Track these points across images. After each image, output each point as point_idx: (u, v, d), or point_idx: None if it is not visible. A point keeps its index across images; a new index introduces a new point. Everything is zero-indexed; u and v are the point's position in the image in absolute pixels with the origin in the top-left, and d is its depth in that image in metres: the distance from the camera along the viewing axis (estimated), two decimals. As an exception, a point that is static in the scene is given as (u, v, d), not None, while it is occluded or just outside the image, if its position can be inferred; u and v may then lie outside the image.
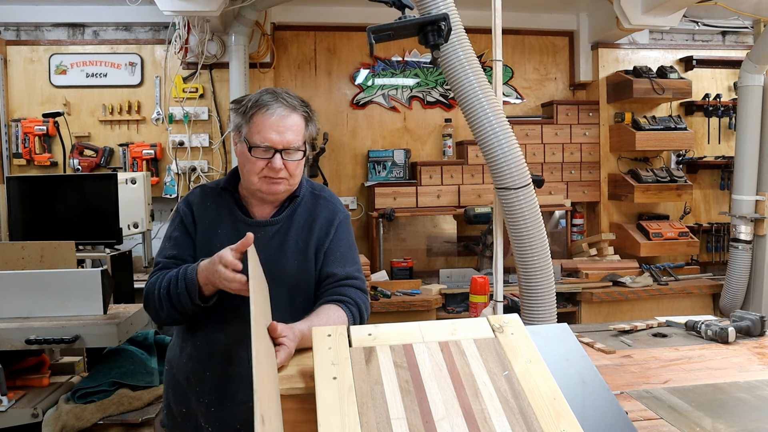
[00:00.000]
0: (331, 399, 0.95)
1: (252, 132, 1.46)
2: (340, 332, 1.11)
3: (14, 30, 3.84)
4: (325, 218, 1.58)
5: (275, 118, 1.45)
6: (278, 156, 1.45)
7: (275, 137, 1.44)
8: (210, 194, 1.59)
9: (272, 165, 1.45)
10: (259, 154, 1.45)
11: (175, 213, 1.59)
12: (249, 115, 1.46)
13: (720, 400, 1.25)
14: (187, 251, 1.52)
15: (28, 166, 3.73)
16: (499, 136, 1.90)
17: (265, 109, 1.45)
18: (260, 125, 1.45)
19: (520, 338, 1.10)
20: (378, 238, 3.77)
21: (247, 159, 1.47)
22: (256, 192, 1.51)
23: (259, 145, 1.44)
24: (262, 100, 1.46)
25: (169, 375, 1.62)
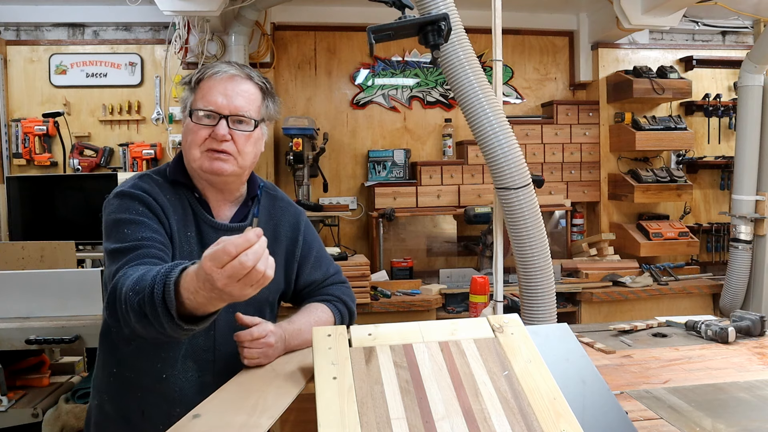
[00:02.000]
0: (331, 399, 0.95)
1: (197, 98, 1.28)
2: (340, 332, 1.11)
3: (14, 30, 3.84)
4: (289, 224, 1.45)
5: (224, 79, 1.28)
6: (223, 122, 1.26)
7: (221, 100, 1.26)
8: (164, 186, 1.33)
9: (215, 132, 1.25)
10: (202, 120, 1.27)
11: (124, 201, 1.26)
12: (196, 81, 1.30)
13: (720, 400, 1.24)
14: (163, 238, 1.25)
15: (28, 166, 3.73)
16: (499, 136, 1.90)
17: (213, 71, 1.29)
18: (206, 89, 1.28)
19: (520, 338, 1.10)
20: (378, 238, 3.77)
21: (189, 130, 1.28)
22: (198, 171, 1.31)
23: (202, 108, 1.27)
24: (209, 66, 1.31)
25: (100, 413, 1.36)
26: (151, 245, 1.20)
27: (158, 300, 1.00)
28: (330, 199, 3.94)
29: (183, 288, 0.98)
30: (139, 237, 1.21)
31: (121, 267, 1.16)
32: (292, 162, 3.55)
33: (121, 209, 1.26)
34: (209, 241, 1.27)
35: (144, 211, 1.25)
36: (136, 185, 1.30)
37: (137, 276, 1.08)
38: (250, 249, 0.89)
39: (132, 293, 1.05)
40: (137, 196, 1.27)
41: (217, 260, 0.89)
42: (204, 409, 1.03)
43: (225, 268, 0.88)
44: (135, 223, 1.23)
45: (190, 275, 0.97)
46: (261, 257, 0.90)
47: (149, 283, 1.02)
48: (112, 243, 1.23)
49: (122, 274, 1.13)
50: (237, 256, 0.88)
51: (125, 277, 1.11)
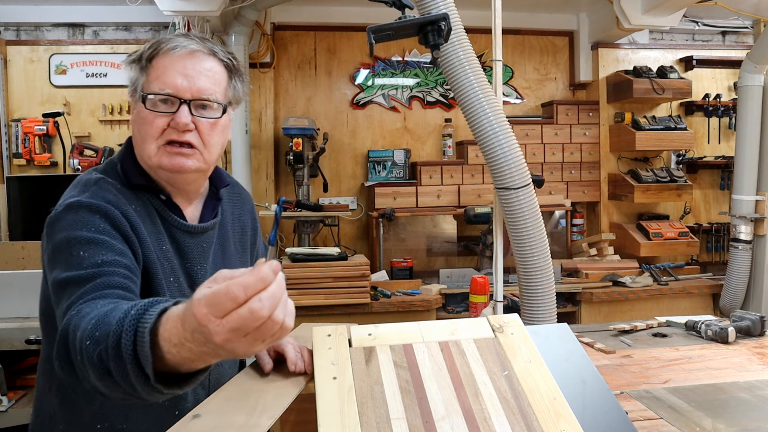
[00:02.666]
0: (331, 399, 0.95)
1: (150, 79, 1.06)
2: (340, 332, 1.11)
3: (14, 30, 3.84)
4: (249, 211, 1.33)
5: (183, 56, 1.06)
6: (185, 108, 1.04)
7: (181, 81, 1.04)
8: (125, 193, 1.08)
9: (176, 121, 1.04)
10: (158, 106, 1.05)
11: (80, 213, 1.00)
12: (147, 58, 1.07)
13: (720, 400, 1.25)
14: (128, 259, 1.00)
15: (28, 166, 3.73)
16: (499, 136, 1.90)
17: (169, 46, 1.06)
18: (161, 68, 1.05)
19: (520, 338, 1.10)
20: (378, 238, 3.77)
21: (142, 119, 1.05)
22: (155, 170, 1.10)
23: (157, 92, 1.04)
24: (164, 40, 1.08)
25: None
26: (114, 272, 0.94)
27: (127, 353, 0.74)
28: (330, 199, 3.93)
29: (163, 338, 0.72)
30: (97, 261, 0.94)
31: (74, 303, 0.89)
32: (292, 162, 3.55)
33: (76, 225, 0.98)
34: (188, 248, 1.12)
35: (106, 228, 0.99)
36: (96, 194, 1.04)
37: (97, 316, 0.82)
38: (264, 292, 0.63)
39: (90, 341, 0.79)
40: (99, 209, 1.01)
41: (217, 307, 0.63)
42: (204, 409, 1.03)
43: (228, 318, 0.62)
44: (93, 243, 0.96)
45: (172, 320, 0.71)
46: (279, 302, 0.64)
47: (114, 329, 0.76)
48: (62, 270, 0.95)
49: (75, 312, 0.86)
50: (247, 301, 0.62)
51: (79, 317, 0.84)
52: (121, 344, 0.75)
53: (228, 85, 1.12)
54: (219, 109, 1.10)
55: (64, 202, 1.04)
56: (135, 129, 1.10)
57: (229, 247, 1.24)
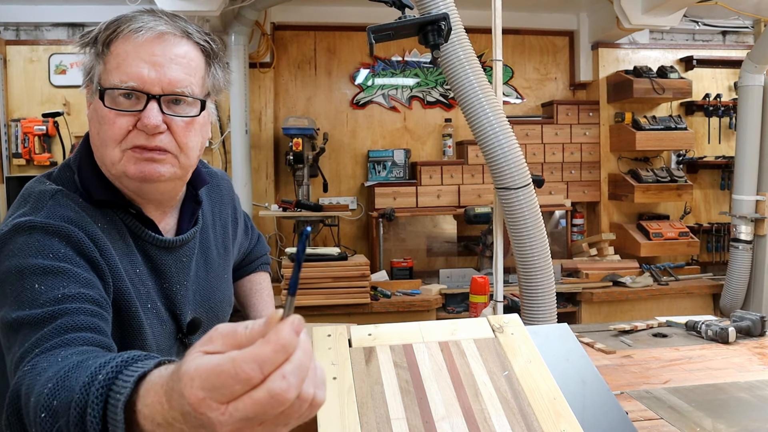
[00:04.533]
0: (331, 399, 0.95)
1: (109, 68, 0.86)
2: (340, 332, 1.11)
3: (14, 30, 3.84)
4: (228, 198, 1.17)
5: (150, 40, 0.86)
6: (154, 105, 0.85)
7: (148, 72, 0.85)
8: (88, 208, 0.89)
9: (143, 122, 0.85)
10: (120, 104, 0.85)
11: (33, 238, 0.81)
12: (105, 42, 0.87)
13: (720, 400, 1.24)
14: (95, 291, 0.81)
15: (27, 165, 3.73)
16: (499, 136, 1.90)
17: (131, 27, 0.86)
18: (123, 55, 0.85)
19: (520, 338, 1.10)
20: (378, 238, 3.76)
21: (103, 118, 0.86)
22: (120, 179, 0.90)
23: (118, 85, 0.85)
24: (125, 16, 0.87)
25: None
26: (78, 309, 0.76)
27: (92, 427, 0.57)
28: (330, 199, 3.93)
29: (142, 415, 0.54)
30: (57, 296, 0.76)
31: (29, 353, 0.71)
32: (292, 162, 3.55)
33: (28, 251, 0.79)
34: (166, 267, 0.96)
35: (68, 253, 0.81)
36: (54, 212, 0.84)
37: (56, 377, 0.64)
38: (288, 364, 0.46)
39: (47, 413, 0.62)
40: (58, 231, 0.82)
41: (221, 392, 0.45)
42: None
43: (237, 404, 0.45)
44: (51, 273, 0.78)
45: (154, 392, 0.54)
46: (307, 373, 0.47)
47: (78, 399, 0.59)
48: (12, 309, 0.76)
49: (30, 367, 0.69)
50: (264, 381, 0.45)
51: (34, 375, 0.67)
52: (86, 422, 0.58)
53: (206, 73, 0.93)
54: (196, 104, 0.91)
55: (12, 221, 0.83)
56: (92, 130, 0.89)
57: (211, 254, 1.08)
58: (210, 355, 0.47)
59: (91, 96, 0.90)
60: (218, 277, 1.08)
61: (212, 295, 1.05)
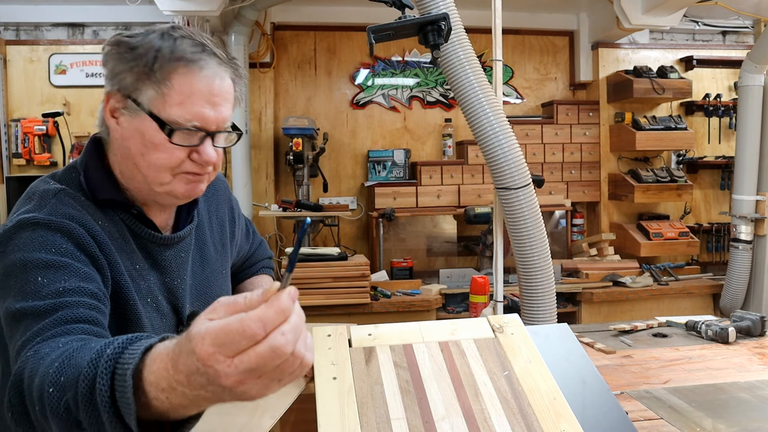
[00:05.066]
0: (331, 399, 0.95)
1: (170, 101, 0.89)
2: (340, 332, 1.11)
3: (14, 30, 3.84)
4: (224, 199, 1.21)
5: (208, 77, 0.90)
6: (209, 142, 0.93)
7: (209, 113, 0.91)
8: (88, 207, 0.94)
9: (201, 156, 0.92)
10: (182, 139, 0.90)
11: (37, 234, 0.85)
12: (162, 71, 0.88)
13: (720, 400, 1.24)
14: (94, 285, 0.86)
15: (27, 166, 3.73)
16: (499, 136, 1.90)
17: (194, 66, 0.89)
18: (186, 91, 0.89)
19: (520, 338, 1.10)
20: (378, 238, 3.76)
21: (154, 146, 0.90)
22: (159, 195, 0.96)
23: (183, 124, 0.89)
24: (182, 49, 0.89)
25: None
26: (78, 302, 0.81)
27: (104, 401, 0.62)
28: (330, 199, 3.93)
29: (148, 382, 0.61)
30: (58, 289, 0.80)
31: (31, 340, 0.76)
32: (292, 162, 3.55)
33: (32, 246, 0.84)
34: (166, 262, 1.01)
35: (69, 248, 0.85)
36: (56, 209, 0.89)
37: (61, 357, 0.69)
38: (286, 324, 0.56)
39: (54, 388, 0.67)
40: (60, 227, 0.86)
41: (229, 347, 0.54)
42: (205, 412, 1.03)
43: (242, 357, 0.54)
44: (53, 267, 0.82)
45: (160, 360, 0.61)
46: (301, 334, 0.58)
47: (86, 372, 0.64)
48: (16, 300, 0.80)
49: (32, 353, 0.74)
50: (266, 337, 0.55)
51: (37, 359, 0.72)
52: (95, 390, 0.63)
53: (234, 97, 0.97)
54: (234, 135, 0.98)
55: (16, 217, 0.88)
56: (134, 149, 0.92)
57: (208, 250, 1.13)
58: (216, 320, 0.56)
59: (130, 113, 0.91)
60: (215, 272, 1.13)
61: (209, 290, 1.08)
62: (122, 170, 0.97)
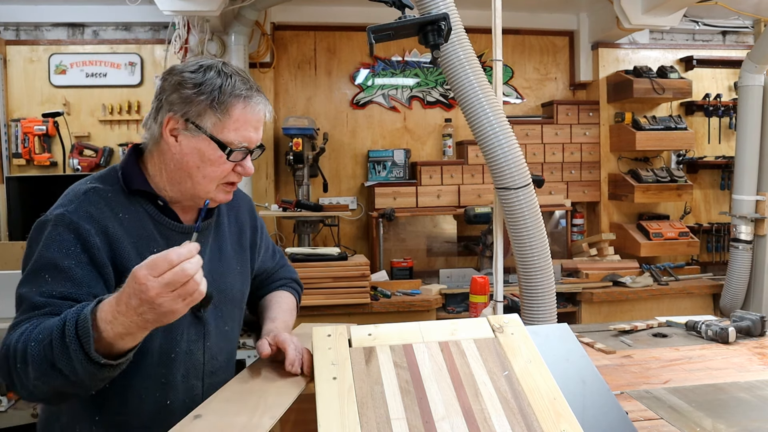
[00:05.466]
0: (331, 399, 0.95)
1: (228, 128, 1.13)
2: (340, 332, 1.11)
3: (14, 30, 3.84)
4: (247, 210, 1.41)
5: (258, 112, 1.17)
6: (249, 158, 1.19)
7: (254, 136, 1.17)
8: (115, 201, 1.15)
9: (244, 168, 1.18)
10: (236, 157, 1.16)
11: (58, 229, 1.08)
12: (224, 104, 1.13)
13: (720, 400, 1.24)
14: (91, 288, 1.06)
15: (27, 166, 3.73)
16: (499, 136, 1.90)
17: (248, 100, 1.15)
18: (241, 121, 1.14)
19: (520, 338, 1.10)
20: (378, 238, 3.76)
21: (210, 161, 1.14)
22: (200, 199, 1.19)
23: (237, 146, 1.14)
24: (238, 86, 1.14)
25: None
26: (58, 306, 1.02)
27: (70, 337, 0.89)
28: (330, 199, 3.93)
29: (99, 318, 0.90)
30: (53, 293, 1.03)
31: (20, 324, 1.00)
32: (292, 162, 3.55)
33: (50, 242, 1.06)
34: None
35: (76, 251, 1.06)
36: (80, 207, 1.11)
37: (38, 325, 0.96)
38: (192, 259, 0.88)
39: (35, 342, 0.93)
40: (75, 228, 1.07)
41: (156, 268, 0.86)
42: (205, 410, 1.03)
43: (164, 275, 0.86)
44: (59, 270, 1.04)
45: (107, 302, 0.90)
46: (199, 269, 0.89)
47: (57, 324, 0.92)
48: (27, 282, 1.06)
49: (20, 331, 0.98)
50: (179, 263, 0.87)
51: (20, 333, 0.97)
52: (65, 331, 0.91)
53: None
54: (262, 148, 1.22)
55: (54, 211, 1.12)
56: (191, 163, 1.15)
57: (225, 247, 1.31)
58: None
59: (191, 134, 1.14)
60: (230, 267, 1.30)
61: (223, 278, 1.24)
62: (172, 176, 1.18)
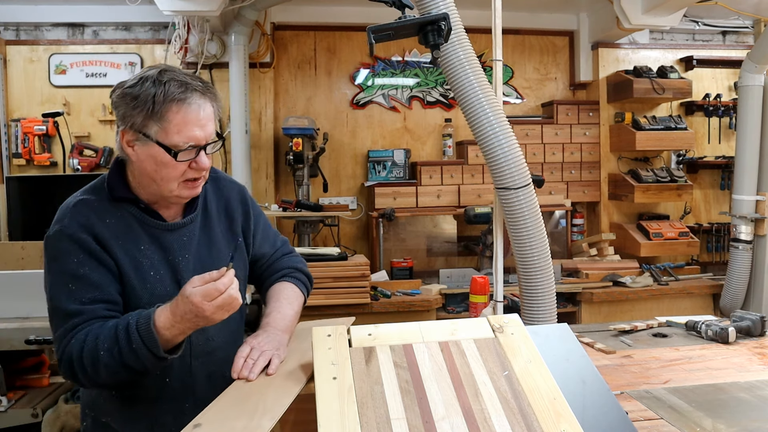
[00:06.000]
0: (331, 399, 0.95)
1: (169, 132, 1.20)
2: (340, 332, 1.11)
3: (14, 30, 3.84)
4: (237, 200, 1.47)
5: (196, 112, 1.22)
6: (203, 153, 1.25)
7: (199, 133, 1.22)
8: (102, 209, 1.28)
9: (198, 164, 1.25)
10: (184, 157, 1.22)
11: (63, 243, 1.23)
12: (160, 112, 1.19)
13: (720, 400, 1.24)
14: (110, 287, 1.24)
15: (27, 166, 3.73)
16: (499, 136, 1.90)
17: (182, 103, 1.20)
18: (180, 123, 1.20)
19: (520, 338, 1.10)
20: (378, 238, 3.76)
21: (164, 164, 1.22)
22: (170, 198, 1.29)
23: (182, 147, 1.21)
24: (172, 92, 1.19)
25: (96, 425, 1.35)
26: (94, 310, 1.21)
27: (137, 343, 1.13)
28: (330, 199, 3.93)
29: (157, 326, 1.13)
30: (84, 299, 1.20)
31: (68, 333, 1.19)
32: (292, 162, 3.55)
33: (61, 254, 1.22)
34: (168, 243, 1.32)
35: (84, 258, 1.22)
36: (73, 221, 1.24)
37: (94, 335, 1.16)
38: (233, 284, 1.13)
39: (104, 352, 1.14)
40: (75, 238, 1.22)
41: (208, 295, 1.10)
42: (204, 418, 1.02)
43: (215, 300, 1.10)
44: (77, 278, 1.21)
45: (164, 313, 1.14)
46: (237, 288, 1.14)
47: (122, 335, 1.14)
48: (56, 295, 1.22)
49: (73, 340, 1.17)
50: (226, 290, 1.11)
51: (79, 343, 1.17)
52: (130, 338, 1.14)
53: (215, 114, 1.29)
54: (219, 141, 1.29)
55: (53, 228, 1.26)
56: (148, 167, 1.24)
57: (214, 236, 1.40)
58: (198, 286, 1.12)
59: (142, 143, 1.22)
60: (221, 253, 1.39)
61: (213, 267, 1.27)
62: (140, 182, 1.29)
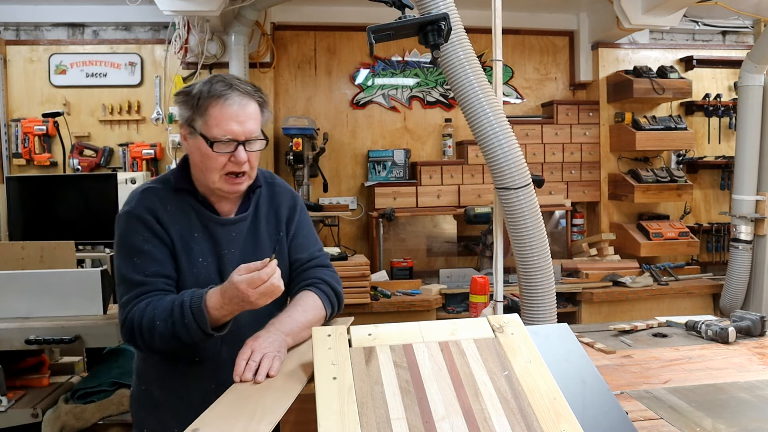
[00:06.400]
0: (331, 399, 0.95)
1: (210, 125, 1.34)
2: (340, 332, 1.11)
3: (14, 30, 3.84)
4: (288, 206, 1.56)
5: (235, 107, 1.35)
6: (241, 148, 1.35)
7: (237, 128, 1.34)
8: (165, 197, 1.43)
9: (236, 158, 1.35)
10: (221, 149, 1.34)
11: (131, 222, 1.39)
12: (203, 107, 1.34)
13: (720, 400, 1.24)
14: (169, 264, 1.39)
15: (27, 166, 3.73)
16: (499, 136, 1.90)
17: (222, 99, 1.34)
18: (219, 117, 1.34)
19: (520, 338, 1.10)
20: (378, 238, 3.76)
21: (206, 155, 1.36)
22: (215, 191, 1.42)
23: (220, 138, 1.34)
24: (215, 89, 1.34)
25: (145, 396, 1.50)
26: (155, 283, 1.36)
27: (189, 319, 1.26)
28: (330, 199, 3.93)
29: (208, 306, 1.26)
30: (147, 272, 1.35)
31: (131, 301, 1.34)
32: (292, 162, 3.55)
33: (129, 231, 1.39)
34: (218, 236, 1.45)
35: (148, 236, 1.38)
36: (140, 204, 1.41)
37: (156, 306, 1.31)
38: (275, 273, 1.22)
39: (161, 322, 1.29)
40: (141, 219, 1.38)
41: (253, 283, 1.20)
42: (203, 422, 1.02)
43: (259, 288, 1.20)
44: (142, 253, 1.36)
45: (214, 295, 1.26)
46: (279, 277, 1.24)
47: (177, 309, 1.28)
48: (123, 266, 1.38)
49: (136, 308, 1.32)
50: (269, 279, 1.21)
51: (140, 312, 1.31)
52: (184, 316, 1.27)
53: (261, 117, 1.41)
54: (262, 141, 1.41)
55: (123, 209, 1.43)
56: (196, 159, 1.40)
57: (260, 236, 1.49)
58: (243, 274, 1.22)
59: (191, 136, 1.38)
60: (265, 254, 1.46)
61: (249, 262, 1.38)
62: (194, 174, 1.44)
